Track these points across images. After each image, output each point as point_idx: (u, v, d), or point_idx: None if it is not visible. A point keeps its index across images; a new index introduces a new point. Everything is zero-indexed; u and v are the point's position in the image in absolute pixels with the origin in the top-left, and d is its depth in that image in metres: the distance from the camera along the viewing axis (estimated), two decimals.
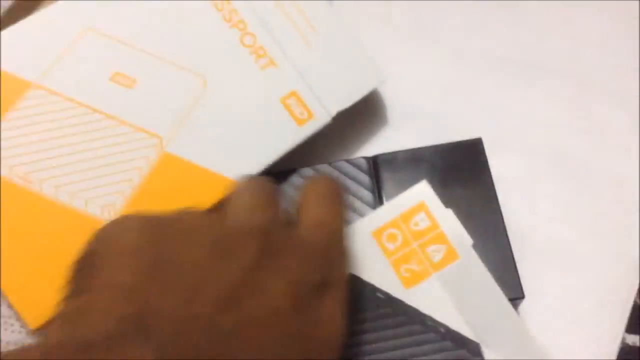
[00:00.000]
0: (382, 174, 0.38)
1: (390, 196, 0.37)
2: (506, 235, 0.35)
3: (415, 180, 0.37)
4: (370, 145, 0.40)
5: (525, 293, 0.34)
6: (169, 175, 0.34)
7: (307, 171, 0.38)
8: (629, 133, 0.40)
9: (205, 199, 0.34)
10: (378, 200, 0.37)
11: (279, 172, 0.38)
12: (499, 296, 0.32)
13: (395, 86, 0.43)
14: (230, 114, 0.36)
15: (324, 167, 0.38)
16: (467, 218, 0.35)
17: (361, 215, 0.36)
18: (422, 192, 0.35)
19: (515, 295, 0.34)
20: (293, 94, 0.37)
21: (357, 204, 0.37)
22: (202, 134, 0.35)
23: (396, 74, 0.43)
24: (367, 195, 0.37)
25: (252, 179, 0.28)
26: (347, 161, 0.38)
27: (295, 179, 0.38)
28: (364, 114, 0.42)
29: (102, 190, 0.34)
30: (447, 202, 0.36)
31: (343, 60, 0.38)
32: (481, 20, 0.44)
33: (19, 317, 0.33)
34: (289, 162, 0.39)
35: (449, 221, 0.34)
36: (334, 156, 0.40)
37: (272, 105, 0.36)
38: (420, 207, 0.35)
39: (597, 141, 0.40)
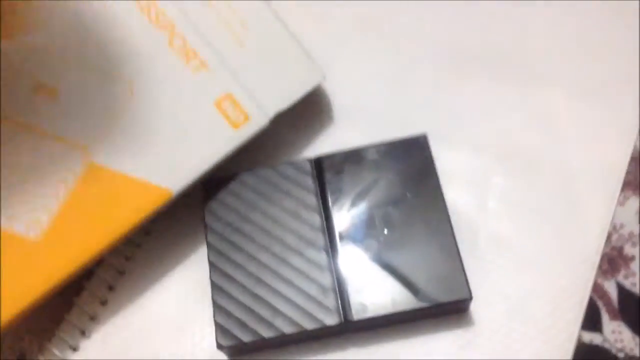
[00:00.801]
0: (326, 176, 0.36)
1: (335, 198, 0.35)
2: (452, 234, 0.34)
3: (359, 182, 0.36)
4: (313, 145, 0.39)
5: (474, 294, 0.33)
6: (97, 187, 0.33)
7: (247, 176, 0.37)
8: (580, 125, 0.39)
9: (137, 210, 0.33)
10: (322, 203, 0.36)
11: (218, 178, 0.37)
12: None
13: (337, 83, 0.41)
14: (161, 120, 0.34)
15: (266, 172, 0.37)
16: (413, 218, 0.34)
17: (306, 221, 0.35)
18: None
19: (462, 296, 0.32)
20: (228, 96, 0.35)
21: (300, 208, 0.35)
22: (132, 142, 0.33)
23: (338, 71, 0.41)
24: (311, 198, 0.36)
25: None
26: (290, 164, 0.37)
27: (234, 186, 0.36)
28: (306, 113, 0.41)
29: (26, 206, 0.32)
30: (393, 202, 0.35)
31: (279, 59, 0.37)
32: (423, 15, 0.43)
33: None
34: (228, 167, 0.37)
35: None
36: (277, 158, 0.39)
37: (206, 109, 0.35)
38: None
39: (547, 134, 0.39)
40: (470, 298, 0.32)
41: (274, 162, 0.38)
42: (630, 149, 0.38)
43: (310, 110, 0.41)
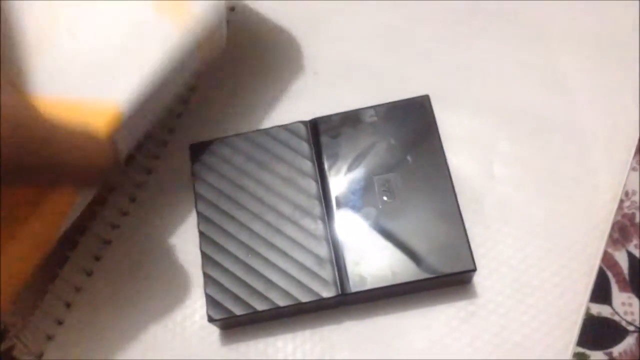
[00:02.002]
0: (322, 140, 0.34)
1: (332, 164, 0.33)
2: (456, 202, 0.32)
3: (357, 146, 0.34)
4: (307, 108, 0.37)
5: (478, 265, 0.32)
6: None
7: (237, 140, 0.35)
8: (591, 88, 0.37)
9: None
10: (318, 169, 0.34)
11: (206, 142, 0.35)
12: None
13: (334, 40, 0.39)
14: (92, 32, 0.31)
15: (257, 135, 0.35)
16: (414, 185, 0.33)
17: (302, 189, 0.33)
18: None
19: (466, 267, 0.31)
20: None
21: (295, 174, 0.34)
22: (60, 63, 0.31)
23: (334, 27, 0.39)
24: (306, 163, 0.34)
25: None
26: (283, 127, 0.35)
27: (224, 151, 0.34)
28: (299, 72, 0.39)
29: None
30: (393, 167, 0.33)
31: None
32: None
33: None
34: (218, 133, 0.35)
35: None
36: (268, 122, 0.36)
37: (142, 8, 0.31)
38: None
39: (556, 96, 0.37)
40: (475, 269, 0.31)
41: (265, 125, 0.36)
42: None
43: (303, 70, 0.38)
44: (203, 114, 0.39)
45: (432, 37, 0.39)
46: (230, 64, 0.40)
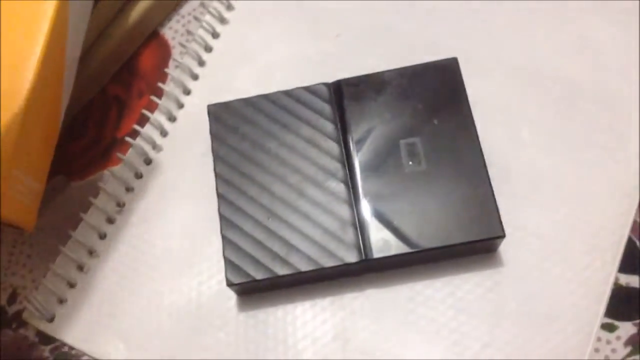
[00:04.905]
0: (345, 102, 0.34)
1: (355, 127, 0.32)
2: (485, 168, 0.31)
3: (382, 109, 0.33)
4: (329, 70, 0.36)
5: (507, 231, 0.31)
6: None
7: (258, 100, 0.34)
8: (623, 51, 0.36)
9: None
10: (341, 132, 0.33)
11: (225, 102, 0.34)
12: None
13: (353, 1, 0.38)
14: None
15: (279, 96, 0.34)
16: (441, 149, 0.32)
17: (324, 151, 0.32)
18: None
19: (494, 234, 0.30)
20: None
21: (317, 136, 0.33)
22: None
23: None
24: (329, 126, 0.33)
25: None
26: (306, 89, 0.34)
27: (245, 111, 0.34)
28: (319, 34, 0.38)
29: None
30: (419, 131, 0.32)
31: None
32: None
33: None
34: (237, 92, 0.34)
35: None
36: (289, 84, 0.35)
37: None
38: None
39: (587, 60, 0.36)
40: (504, 235, 0.30)
41: (287, 87, 0.35)
42: None
43: (323, 31, 0.37)
44: (221, 76, 0.38)
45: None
46: (249, 23, 0.39)
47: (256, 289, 0.33)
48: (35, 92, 0.30)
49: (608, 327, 0.31)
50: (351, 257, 0.31)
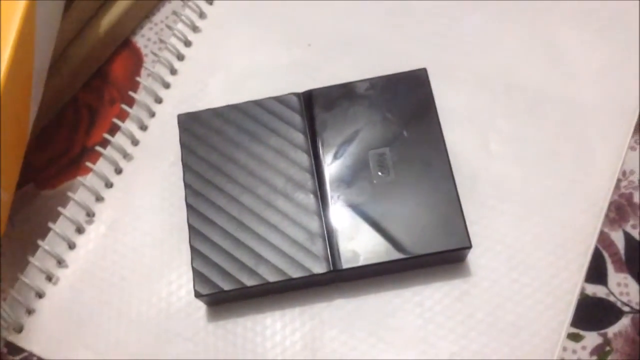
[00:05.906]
0: (316, 112, 0.34)
1: (325, 137, 0.33)
2: (452, 179, 0.32)
3: (352, 119, 0.33)
4: (301, 80, 0.36)
5: (473, 242, 0.31)
6: None
7: (228, 110, 0.34)
8: (592, 60, 0.36)
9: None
10: (311, 142, 0.33)
11: (195, 112, 0.34)
12: None
13: (328, 11, 0.38)
14: None
15: (249, 106, 0.34)
16: (409, 160, 0.32)
17: (294, 162, 0.32)
18: None
19: (460, 244, 0.31)
20: None
21: (287, 147, 0.33)
22: None
23: None
24: (299, 136, 0.33)
25: None
26: (276, 99, 0.34)
27: (214, 121, 0.34)
28: (291, 43, 0.38)
29: None
30: (388, 142, 0.32)
31: None
32: None
33: None
34: (208, 101, 0.34)
35: None
36: (260, 94, 0.35)
37: None
38: None
39: (555, 71, 0.37)
40: (470, 247, 0.30)
41: (257, 97, 0.35)
42: None
43: (297, 42, 0.37)
44: (192, 85, 0.38)
45: (430, 10, 0.38)
46: (221, 32, 0.39)
47: (225, 300, 0.33)
48: (1, 101, 0.30)
49: (574, 337, 0.32)
50: (319, 268, 0.31)
